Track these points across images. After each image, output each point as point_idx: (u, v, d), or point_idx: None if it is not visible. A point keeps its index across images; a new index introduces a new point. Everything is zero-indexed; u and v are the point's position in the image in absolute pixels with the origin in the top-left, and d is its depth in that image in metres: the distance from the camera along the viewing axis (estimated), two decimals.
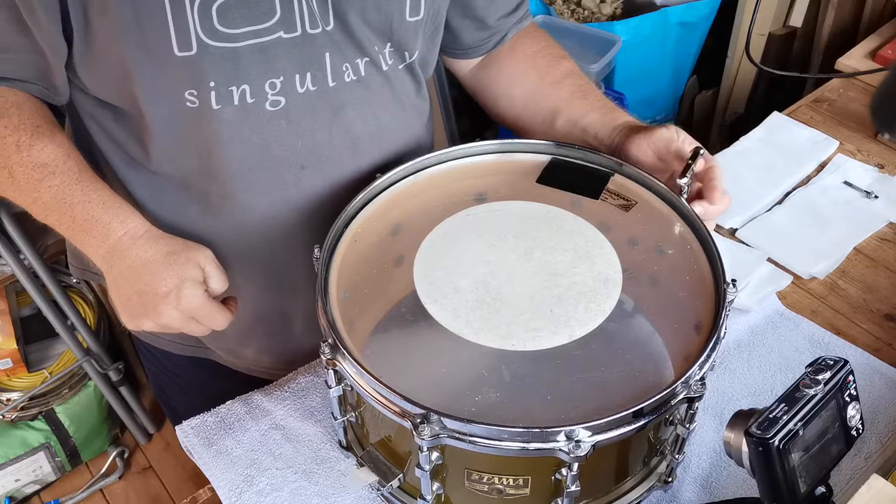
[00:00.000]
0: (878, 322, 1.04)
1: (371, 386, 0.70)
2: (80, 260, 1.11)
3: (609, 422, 0.67)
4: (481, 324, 0.76)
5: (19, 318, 1.94)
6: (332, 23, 0.83)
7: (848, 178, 1.22)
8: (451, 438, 0.67)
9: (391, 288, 0.81)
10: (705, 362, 0.71)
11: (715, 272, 0.79)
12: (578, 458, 0.66)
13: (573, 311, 0.77)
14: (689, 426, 0.74)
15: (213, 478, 0.89)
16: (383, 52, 0.89)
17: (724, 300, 0.75)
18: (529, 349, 0.74)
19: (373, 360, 0.73)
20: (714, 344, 0.72)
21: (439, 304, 0.78)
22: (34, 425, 1.95)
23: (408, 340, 0.78)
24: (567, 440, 0.66)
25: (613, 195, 0.89)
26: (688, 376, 0.70)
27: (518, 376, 0.73)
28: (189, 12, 0.76)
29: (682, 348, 0.74)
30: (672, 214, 0.87)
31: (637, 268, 0.81)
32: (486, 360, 0.74)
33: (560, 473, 0.69)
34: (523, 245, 0.83)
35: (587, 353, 0.74)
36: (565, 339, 0.75)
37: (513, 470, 0.71)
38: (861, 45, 1.55)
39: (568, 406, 0.70)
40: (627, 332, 0.77)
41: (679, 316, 0.78)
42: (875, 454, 0.88)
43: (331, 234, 0.83)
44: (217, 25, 0.78)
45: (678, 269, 0.82)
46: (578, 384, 0.72)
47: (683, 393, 0.70)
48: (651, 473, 0.81)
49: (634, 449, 0.77)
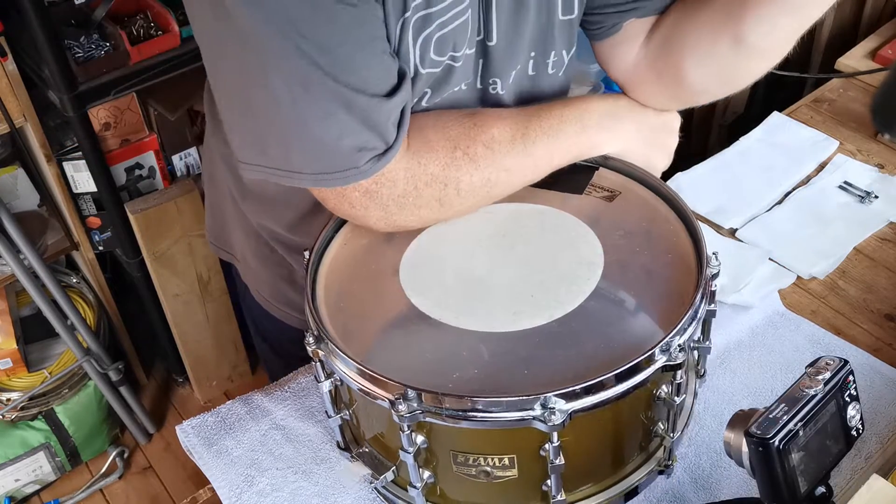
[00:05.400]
0: (878, 322, 1.04)
1: (350, 368, 0.72)
2: (217, 236, 1.15)
3: (584, 388, 0.67)
4: (463, 310, 0.77)
5: (19, 318, 1.94)
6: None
7: (848, 178, 1.22)
8: (429, 414, 0.68)
9: (379, 287, 0.82)
10: (685, 329, 0.72)
11: (697, 248, 0.80)
12: (556, 427, 0.66)
13: (554, 294, 0.77)
14: (676, 399, 0.74)
15: (213, 478, 0.89)
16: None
17: (705, 272, 0.76)
18: (509, 330, 0.75)
19: (355, 348, 0.75)
20: (694, 312, 0.73)
21: (423, 296, 0.79)
22: (34, 425, 1.95)
23: (392, 331, 0.79)
24: (542, 409, 0.66)
25: (597, 188, 0.89)
26: (667, 342, 0.70)
27: (496, 354, 0.74)
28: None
29: (668, 324, 0.74)
30: (654, 199, 0.87)
31: (620, 251, 0.82)
32: (466, 342, 0.74)
33: (544, 449, 0.70)
34: (507, 240, 0.84)
35: (567, 331, 0.74)
36: (546, 320, 0.75)
37: (497, 448, 0.72)
38: (861, 45, 1.55)
39: (546, 380, 0.70)
40: (610, 311, 0.77)
41: (663, 293, 0.78)
42: (875, 454, 0.88)
43: (320, 236, 0.84)
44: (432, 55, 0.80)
45: (661, 249, 0.82)
46: (558, 359, 0.73)
47: (663, 359, 0.70)
48: (650, 458, 0.81)
49: (626, 429, 0.77)
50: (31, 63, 1.63)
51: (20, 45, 1.61)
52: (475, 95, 0.89)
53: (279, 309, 1.10)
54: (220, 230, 1.14)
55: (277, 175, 0.77)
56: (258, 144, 0.77)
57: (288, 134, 0.74)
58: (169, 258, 1.93)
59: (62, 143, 1.80)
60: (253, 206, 1.01)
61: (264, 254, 1.05)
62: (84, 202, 1.87)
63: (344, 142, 0.74)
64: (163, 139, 1.92)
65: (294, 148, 0.75)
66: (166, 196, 1.86)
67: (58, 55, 1.54)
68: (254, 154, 0.78)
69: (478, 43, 0.84)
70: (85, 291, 2.02)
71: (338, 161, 0.75)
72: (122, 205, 1.84)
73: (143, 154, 1.89)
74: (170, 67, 1.69)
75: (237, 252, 1.12)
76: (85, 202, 1.87)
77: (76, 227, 1.88)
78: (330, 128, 0.73)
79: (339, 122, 0.73)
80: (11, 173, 1.82)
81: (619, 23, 0.88)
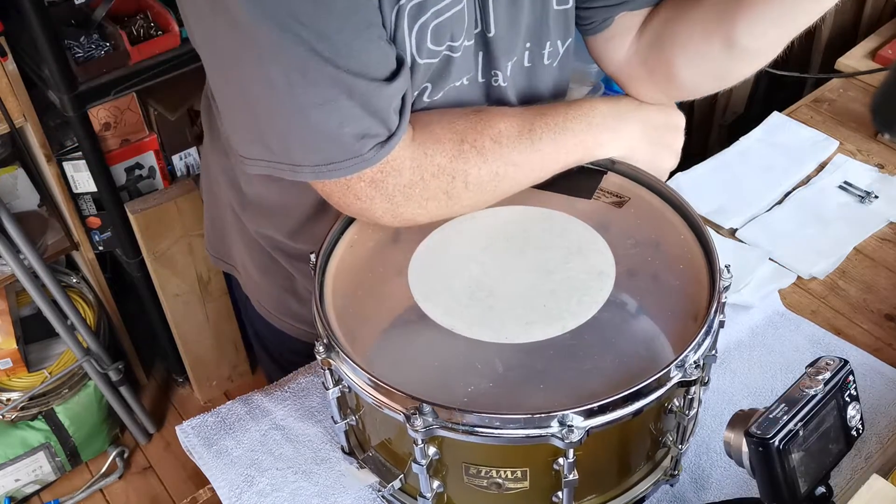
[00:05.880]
0: (878, 322, 1.04)
1: (364, 380, 0.71)
2: (216, 248, 1.15)
3: (602, 405, 0.66)
4: (474, 319, 0.76)
5: (19, 318, 1.94)
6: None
7: (848, 178, 1.22)
8: (444, 429, 0.67)
9: (386, 291, 0.81)
10: (700, 345, 0.71)
11: (709, 260, 0.79)
12: (573, 444, 0.65)
13: (566, 305, 0.77)
14: (688, 413, 0.74)
15: (213, 478, 0.89)
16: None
17: (718, 286, 0.75)
18: (523, 341, 0.74)
19: (366, 358, 0.74)
20: (709, 328, 0.72)
21: (432, 302, 0.78)
22: (34, 425, 1.95)
23: (401, 338, 0.78)
24: (560, 426, 0.66)
25: (606, 193, 0.89)
26: (682, 359, 0.70)
27: (511, 367, 0.73)
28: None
29: (680, 337, 0.74)
30: (664, 206, 0.87)
31: (631, 260, 0.81)
32: (480, 354, 0.74)
33: (558, 463, 0.69)
34: (516, 245, 0.83)
35: (581, 344, 0.74)
36: (558, 331, 0.74)
37: (510, 462, 0.71)
38: (861, 45, 1.55)
39: (561, 394, 0.70)
40: (622, 323, 0.77)
41: (675, 305, 0.78)
42: (875, 454, 0.88)
43: (327, 238, 0.83)
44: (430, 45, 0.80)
45: (672, 260, 0.82)
46: (572, 373, 0.72)
47: (678, 376, 0.70)
48: (656, 468, 0.81)
49: (636, 440, 0.77)
50: (31, 63, 1.63)
51: (20, 45, 1.61)
52: (478, 91, 0.88)
53: (280, 320, 1.10)
54: (219, 242, 1.14)
55: (280, 169, 0.77)
56: (260, 139, 0.77)
57: (289, 125, 0.74)
58: (169, 258, 1.93)
59: (62, 143, 1.80)
60: (253, 215, 1.01)
61: (265, 264, 1.05)
62: (84, 202, 1.87)
63: (345, 129, 0.73)
64: (163, 139, 1.92)
65: (296, 139, 0.75)
66: (166, 196, 1.86)
67: (58, 55, 1.54)
68: (256, 149, 0.78)
69: (476, 35, 0.84)
70: (85, 291, 2.02)
71: (341, 150, 0.74)
72: (122, 205, 1.83)
73: (143, 154, 1.89)
74: (170, 67, 1.69)
75: (237, 263, 1.12)
76: (85, 202, 1.87)
77: (76, 227, 1.88)
78: (331, 115, 0.72)
79: (340, 109, 0.72)
80: (11, 173, 1.82)
81: (610, 17, 0.88)
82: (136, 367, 2.26)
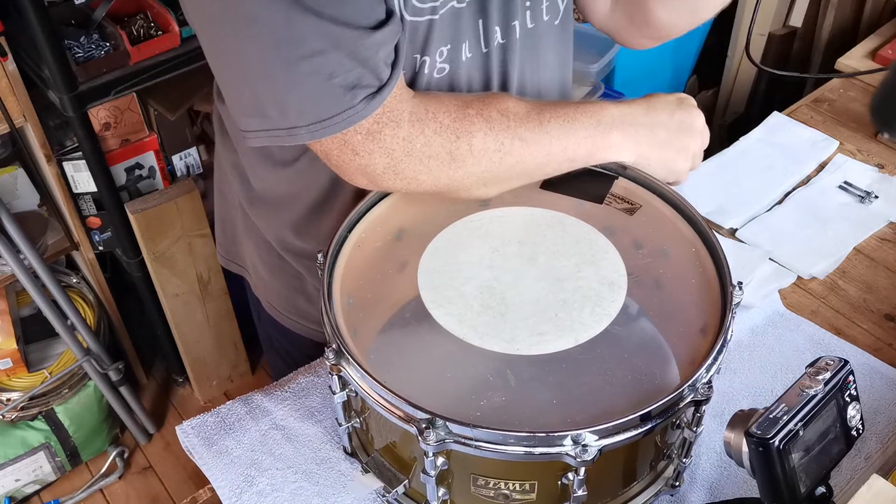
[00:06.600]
0: (878, 322, 1.04)
1: (376, 391, 0.70)
2: (227, 251, 1.16)
3: (616, 425, 0.66)
4: (486, 328, 0.75)
5: (19, 318, 1.94)
6: None
7: (848, 178, 1.22)
8: (456, 444, 0.67)
9: (395, 293, 0.80)
10: (712, 365, 0.71)
11: (721, 274, 0.79)
12: (585, 463, 0.65)
13: (578, 315, 0.77)
14: (696, 429, 0.74)
15: (213, 478, 0.89)
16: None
17: (731, 303, 0.75)
18: (534, 353, 0.74)
19: (377, 366, 0.73)
20: (721, 347, 0.72)
21: (444, 308, 0.77)
22: (34, 425, 1.95)
23: (412, 346, 0.77)
24: (574, 444, 0.66)
25: (618, 199, 0.88)
26: (694, 379, 0.70)
27: (523, 380, 0.72)
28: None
29: (688, 351, 0.74)
30: (676, 217, 0.86)
31: (642, 271, 0.81)
32: (492, 365, 0.73)
33: (567, 478, 0.69)
34: (527, 250, 0.83)
35: (593, 357, 0.74)
36: (570, 343, 0.74)
37: (519, 475, 0.71)
38: (861, 45, 1.56)
39: (574, 410, 0.70)
40: (633, 336, 0.76)
41: (685, 319, 0.78)
42: (875, 454, 0.88)
43: (334, 239, 0.82)
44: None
45: (683, 272, 0.82)
46: (584, 388, 0.72)
47: (690, 396, 0.70)
48: (658, 477, 0.81)
49: (641, 453, 0.77)
50: (31, 63, 1.63)
51: (20, 45, 1.61)
52: (481, 63, 0.88)
53: (290, 319, 1.10)
54: (230, 244, 1.15)
55: (279, 136, 0.77)
56: (257, 109, 0.77)
57: (280, 83, 0.74)
58: (169, 258, 1.93)
59: (62, 143, 1.80)
60: (260, 210, 1.01)
61: (274, 263, 1.06)
62: (84, 202, 1.87)
63: (335, 80, 0.73)
64: (163, 139, 1.92)
65: (289, 98, 0.74)
66: (166, 196, 1.86)
67: (58, 55, 1.54)
68: (254, 121, 0.78)
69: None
70: (85, 291, 2.02)
71: (333, 104, 0.74)
72: (122, 205, 1.83)
73: (143, 154, 1.89)
74: (170, 67, 1.69)
75: (248, 265, 1.13)
76: (85, 202, 1.87)
77: (76, 227, 1.88)
78: (320, 67, 0.72)
79: (329, 60, 0.72)
80: (11, 173, 1.82)
81: None
82: (136, 367, 2.26)
